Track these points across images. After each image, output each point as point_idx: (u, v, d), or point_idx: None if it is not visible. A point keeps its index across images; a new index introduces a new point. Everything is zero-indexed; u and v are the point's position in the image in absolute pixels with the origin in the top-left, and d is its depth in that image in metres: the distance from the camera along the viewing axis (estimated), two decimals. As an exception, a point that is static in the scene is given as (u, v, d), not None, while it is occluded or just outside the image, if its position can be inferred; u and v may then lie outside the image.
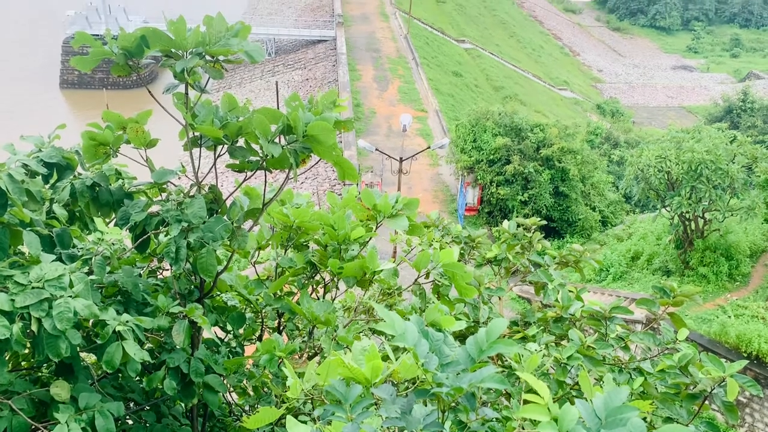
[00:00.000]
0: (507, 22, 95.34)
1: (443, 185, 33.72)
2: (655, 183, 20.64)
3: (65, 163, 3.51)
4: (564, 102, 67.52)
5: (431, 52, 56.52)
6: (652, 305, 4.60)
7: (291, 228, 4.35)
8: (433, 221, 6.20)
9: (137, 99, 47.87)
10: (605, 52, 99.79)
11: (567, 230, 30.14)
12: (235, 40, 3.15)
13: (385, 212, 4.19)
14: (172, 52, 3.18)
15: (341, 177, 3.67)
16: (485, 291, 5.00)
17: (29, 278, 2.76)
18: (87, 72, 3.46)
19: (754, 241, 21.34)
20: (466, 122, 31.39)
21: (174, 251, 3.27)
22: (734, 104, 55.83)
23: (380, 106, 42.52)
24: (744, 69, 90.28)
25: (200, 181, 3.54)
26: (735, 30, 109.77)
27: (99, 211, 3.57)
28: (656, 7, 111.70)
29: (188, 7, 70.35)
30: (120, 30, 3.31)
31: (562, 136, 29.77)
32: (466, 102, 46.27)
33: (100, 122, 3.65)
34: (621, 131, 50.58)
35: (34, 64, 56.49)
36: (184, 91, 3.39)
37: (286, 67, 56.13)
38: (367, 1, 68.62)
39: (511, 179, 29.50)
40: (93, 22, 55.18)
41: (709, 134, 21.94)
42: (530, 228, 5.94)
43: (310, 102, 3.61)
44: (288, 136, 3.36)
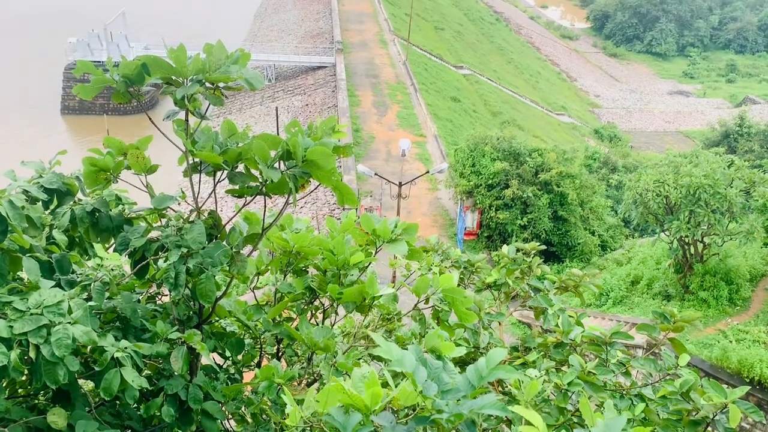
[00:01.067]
0: (504, 48, 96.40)
1: (442, 209, 33.77)
2: (654, 207, 20.69)
3: (65, 189, 3.52)
4: (562, 127, 67.96)
5: (430, 78, 57.03)
6: (653, 330, 4.58)
7: (290, 253, 4.35)
8: (432, 246, 6.20)
9: (137, 124, 48.18)
10: (602, 78, 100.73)
11: (566, 254, 30.11)
12: (235, 68, 3.19)
13: (385, 237, 4.20)
14: (173, 80, 3.22)
15: (340, 202, 3.68)
16: (485, 316, 4.98)
17: (28, 304, 2.76)
18: (88, 99, 3.48)
19: (753, 266, 21.31)
20: (465, 147, 31.55)
21: (173, 277, 3.26)
22: (731, 129, 56.19)
23: (379, 131, 42.78)
24: (740, 94, 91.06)
25: (200, 206, 3.55)
26: (730, 56, 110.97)
27: (99, 237, 3.57)
28: (652, 34, 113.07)
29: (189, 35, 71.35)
30: (121, 57, 3.35)
31: (561, 161, 29.91)
32: (464, 127, 46.55)
33: (100, 148, 3.67)
34: (619, 156, 50.86)
35: (36, 90, 56.90)
36: (184, 117, 3.42)
37: (286, 93, 56.58)
38: (366, 28, 69.43)
39: (510, 203, 29.57)
40: (94, 48, 55.73)
41: (706, 159, 22.05)
42: (530, 253, 5.93)
43: (309, 128, 3.64)
44: (287, 161, 3.38)
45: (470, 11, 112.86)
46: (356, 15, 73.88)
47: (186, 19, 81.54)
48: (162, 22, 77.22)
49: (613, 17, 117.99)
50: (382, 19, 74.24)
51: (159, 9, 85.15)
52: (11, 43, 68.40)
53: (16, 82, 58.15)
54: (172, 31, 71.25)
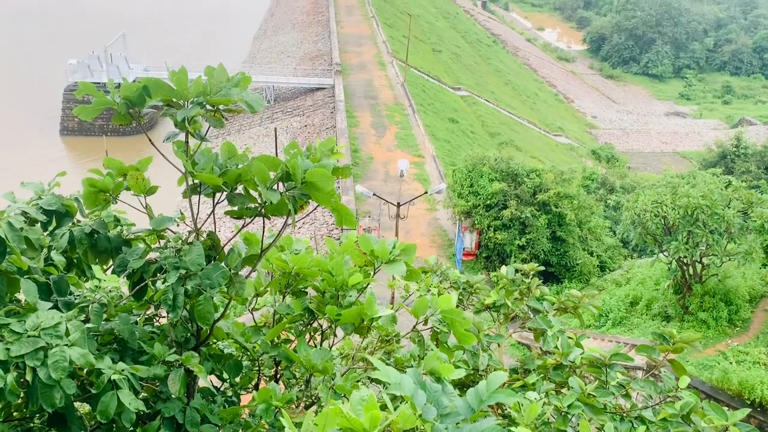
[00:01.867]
0: (502, 70, 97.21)
1: (441, 230, 33.78)
2: (652, 228, 20.70)
3: (64, 210, 3.52)
4: (559, 148, 68.30)
5: (428, 99, 57.41)
6: (652, 352, 4.56)
7: (289, 274, 4.34)
8: (431, 266, 6.19)
9: (137, 145, 48.34)
10: (599, 99, 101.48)
11: (565, 275, 30.07)
12: (236, 90, 3.21)
13: (383, 258, 4.19)
14: (174, 102, 3.24)
15: (339, 223, 3.69)
16: (485, 338, 4.96)
17: (25, 327, 2.74)
18: (89, 120, 3.52)
19: (752, 286, 21.28)
20: (463, 167, 31.66)
21: (171, 298, 3.25)
22: (728, 150, 56.48)
23: (378, 151, 42.95)
24: (736, 115, 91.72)
25: (199, 228, 3.55)
26: (726, 77, 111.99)
27: (97, 258, 3.57)
28: (648, 56, 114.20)
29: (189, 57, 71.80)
30: (122, 80, 3.37)
31: (558, 182, 30.00)
32: (462, 148, 46.75)
33: (100, 168, 3.68)
34: (616, 176, 51.03)
35: (35, 111, 57.16)
36: (184, 139, 3.44)
37: (285, 114, 56.88)
38: (365, 50, 70.02)
39: (508, 224, 29.59)
40: (94, 70, 56.08)
41: (704, 179, 22.12)
42: (528, 274, 5.93)
43: (308, 149, 3.66)
44: (287, 182, 3.39)
45: (468, 34, 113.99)
46: (355, 37, 74.56)
47: (186, 41, 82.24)
48: (162, 44, 77.84)
49: (610, 39, 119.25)
50: (381, 41, 74.91)
51: (159, 31, 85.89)
52: (11, 64, 68.83)
53: (16, 103, 58.42)
54: (172, 52, 71.85)
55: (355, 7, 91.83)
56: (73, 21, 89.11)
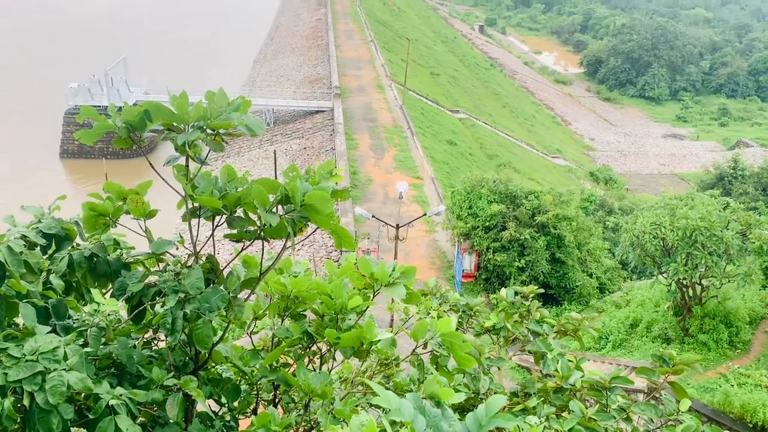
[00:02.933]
0: (500, 93, 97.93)
1: (440, 252, 33.74)
2: (651, 249, 20.69)
3: (64, 234, 3.52)
4: (557, 169, 68.55)
5: (426, 122, 57.74)
6: (653, 374, 4.54)
7: (288, 298, 4.33)
8: (430, 289, 6.18)
9: (136, 168, 48.44)
10: (596, 121, 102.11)
11: (565, 297, 29.99)
12: (236, 115, 3.24)
13: (382, 281, 4.19)
14: (174, 126, 3.26)
15: (338, 245, 3.69)
16: (485, 361, 4.93)
17: (23, 351, 2.73)
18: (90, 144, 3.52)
19: (752, 308, 21.22)
20: (462, 189, 31.74)
21: (170, 322, 3.25)
22: (725, 172, 56.71)
23: (377, 173, 43.07)
24: (733, 137, 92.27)
25: (198, 251, 3.55)
26: (722, 100, 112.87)
27: (96, 282, 3.56)
28: (644, 79, 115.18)
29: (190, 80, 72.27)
30: (123, 104, 3.40)
31: (557, 203, 30.06)
32: (461, 169, 46.91)
33: (99, 192, 3.70)
34: (615, 198, 51.16)
35: (36, 134, 57.38)
36: (184, 162, 3.45)
37: (284, 137, 57.14)
38: (364, 74, 70.58)
39: (507, 246, 29.57)
40: (95, 93, 56.42)
41: (702, 201, 22.18)
42: (528, 296, 5.92)
43: (307, 172, 3.67)
44: (286, 205, 3.40)
45: (465, 57, 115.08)
46: (354, 61, 75.22)
47: (186, 65, 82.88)
48: (163, 67, 78.44)
49: (606, 62, 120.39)
50: (379, 65, 75.57)
51: (160, 55, 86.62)
52: (12, 87, 69.25)
53: (17, 127, 58.68)
54: (172, 76, 72.37)
55: (355, 32, 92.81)
56: (74, 45, 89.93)
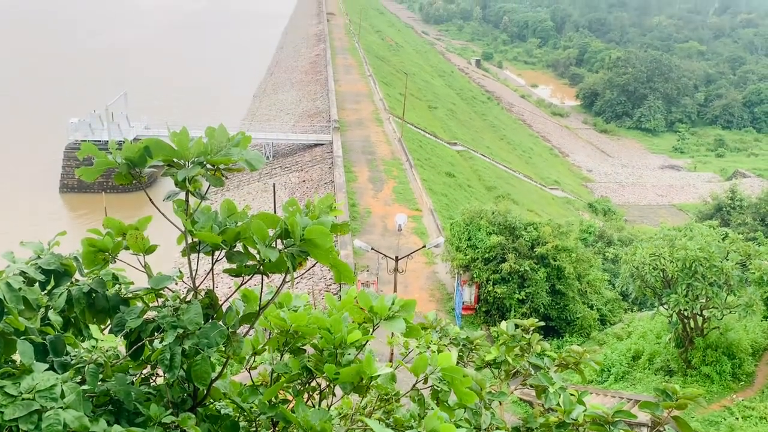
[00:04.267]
0: (497, 125, 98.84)
1: (439, 284, 33.63)
2: (651, 281, 20.65)
3: (63, 270, 3.52)
4: (556, 201, 68.76)
5: (424, 154, 58.13)
6: (656, 408, 4.49)
7: (287, 333, 4.31)
8: (430, 322, 6.14)
9: (136, 202, 48.57)
10: (594, 153, 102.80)
11: (566, 329, 29.79)
12: (236, 150, 3.27)
13: (382, 314, 4.17)
14: (175, 162, 3.29)
15: (337, 279, 3.68)
16: (487, 395, 4.88)
17: (20, 389, 2.70)
18: (91, 181, 3.55)
19: (755, 339, 21.09)
20: (461, 221, 31.78)
21: (168, 358, 3.22)
22: (723, 202, 56.92)
23: (375, 205, 43.18)
24: (729, 168, 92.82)
25: (197, 286, 3.55)
26: (718, 131, 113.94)
27: (95, 318, 3.55)
28: (641, 111, 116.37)
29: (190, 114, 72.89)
30: (124, 140, 3.44)
31: (556, 235, 30.07)
32: (459, 201, 47.06)
33: (98, 226, 3.70)
34: (614, 229, 51.18)
35: (35, 169, 57.63)
36: (184, 197, 3.47)
37: (283, 170, 57.44)
38: (363, 107, 71.30)
39: (507, 277, 29.49)
40: (95, 128, 56.84)
41: (701, 232, 22.22)
42: (529, 329, 5.88)
43: (307, 206, 3.69)
44: (285, 240, 3.41)
45: (462, 91, 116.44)
46: (353, 95, 76.05)
47: (187, 99, 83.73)
48: (163, 101, 79.24)
49: (602, 95, 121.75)
50: (378, 98, 76.39)
51: (160, 89, 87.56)
52: (12, 122, 69.80)
53: (16, 161, 58.97)
54: (173, 110, 73.06)
55: (353, 67, 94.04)
56: (75, 80, 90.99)
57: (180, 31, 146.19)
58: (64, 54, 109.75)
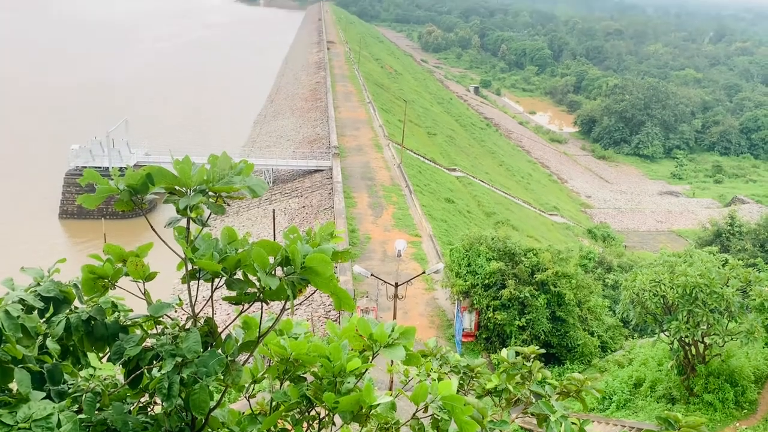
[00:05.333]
0: (496, 152, 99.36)
1: (439, 310, 33.47)
2: (652, 307, 20.55)
3: (62, 297, 3.51)
4: (555, 227, 68.78)
5: (424, 180, 58.31)
6: (660, 438, 4.44)
7: (287, 361, 4.27)
8: (430, 350, 6.10)
9: (135, 228, 48.57)
10: (592, 179, 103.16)
11: (567, 356, 29.57)
12: (238, 178, 3.28)
13: (382, 342, 4.14)
14: (177, 189, 3.30)
15: (337, 307, 3.67)
16: (488, 424, 4.83)
17: (17, 418, 2.68)
18: (93, 208, 3.56)
19: (757, 366, 20.92)
20: (460, 247, 31.73)
21: (167, 387, 3.19)
22: (722, 228, 56.92)
23: (375, 231, 43.18)
24: (728, 194, 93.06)
25: (197, 313, 3.53)
26: (716, 157, 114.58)
27: (93, 346, 3.52)
28: (639, 137, 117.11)
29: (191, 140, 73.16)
30: (126, 168, 3.45)
31: (556, 261, 30.01)
32: (459, 227, 47.08)
33: (97, 252, 3.70)
34: (613, 255, 51.14)
35: (35, 195, 57.71)
36: (185, 224, 3.47)
37: (283, 196, 57.55)
38: (362, 134, 71.73)
39: (507, 304, 29.35)
40: (96, 155, 57.07)
41: (700, 258, 22.16)
42: (529, 356, 5.84)
43: (308, 233, 3.69)
44: (286, 267, 3.40)
45: (461, 117, 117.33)
46: (352, 122, 76.57)
47: (187, 126, 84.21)
48: (164, 127, 79.69)
49: (600, 122, 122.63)
50: (377, 125, 76.89)
51: (162, 116, 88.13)
52: (12, 148, 70.08)
53: (16, 187, 59.08)
54: (174, 136, 73.45)
55: (353, 94, 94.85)
56: (77, 107, 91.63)
57: (181, 60, 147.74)
58: (66, 82, 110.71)
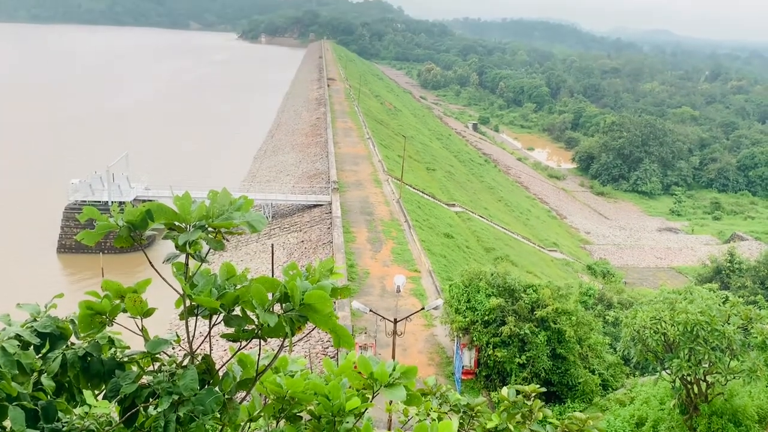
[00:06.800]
0: (494, 187, 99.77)
1: (439, 347, 33.15)
2: (652, 345, 20.37)
3: (59, 333, 3.48)
4: (555, 263, 68.60)
5: (423, 215, 58.39)
6: (664, 480, 4.36)
7: (284, 399, 4.22)
8: (430, 388, 6.02)
9: (134, 263, 48.39)
10: (591, 215, 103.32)
11: (567, 394, 29.19)
12: (238, 214, 3.28)
13: (382, 381, 4.10)
14: (176, 225, 3.30)
15: (336, 344, 3.64)
16: (487, 465, 4.74)
17: (9, 458, 2.63)
18: (92, 245, 3.55)
19: (760, 405, 20.64)
20: (460, 282, 31.59)
21: (163, 426, 3.15)
22: (722, 265, 56.83)
23: (374, 266, 43.03)
24: (727, 231, 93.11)
25: (194, 350, 3.50)
26: (714, 194, 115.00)
27: (89, 383, 3.48)
28: (637, 174, 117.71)
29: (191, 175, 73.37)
30: (125, 203, 3.46)
31: (556, 297, 29.85)
32: (458, 262, 46.95)
33: (95, 287, 3.68)
34: (613, 292, 50.90)
35: (34, 229, 57.63)
36: (183, 260, 3.46)
37: (282, 230, 57.54)
38: (361, 169, 72.12)
39: (507, 341, 29.08)
40: (96, 189, 57.16)
41: (701, 295, 22.07)
42: (530, 395, 5.76)
43: (307, 270, 3.67)
44: (285, 304, 3.38)
45: (460, 153, 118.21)
46: (352, 157, 77.07)
47: (188, 160, 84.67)
48: (165, 161, 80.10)
49: (598, 158, 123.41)
50: (377, 160, 77.37)
51: (162, 150, 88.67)
52: (12, 183, 70.28)
53: (15, 221, 59.05)
54: (173, 171, 73.76)
55: (353, 130, 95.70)
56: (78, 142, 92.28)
57: (184, 96, 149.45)
58: (68, 117, 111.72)
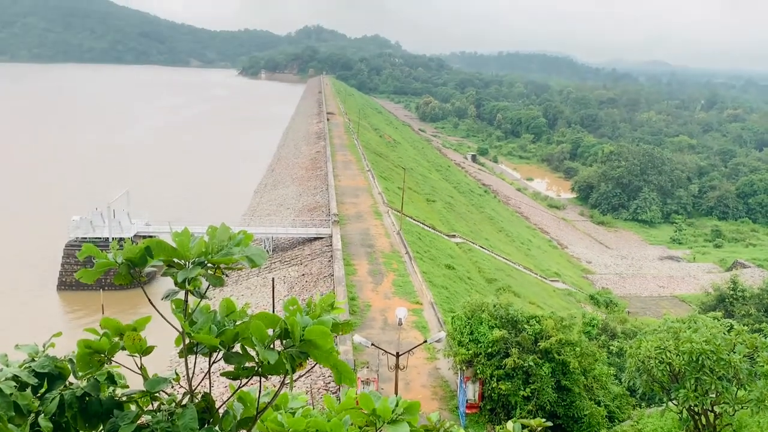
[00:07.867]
0: (495, 218, 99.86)
1: (442, 380, 32.76)
2: (658, 375, 20.15)
3: (57, 373, 3.43)
4: (557, 293, 68.27)
5: (424, 247, 58.30)
6: None
7: (285, 437, 4.14)
8: (433, 424, 5.93)
9: (133, 299, 48.12)
10: (592, 245, 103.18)
11: (573, 427, 28.74)
12: (237, 249, 3.27)
13: (385, 418, 4.03)
14: (175, 262, 3.28)
15: (338, 381, 3.59)
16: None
17: (4, 504, 2.57)
18: (91, 283, 3.56)
19: (770, 436, 20.33)
20: (462, 314, 31.35)
21: (161, 467, 3.08)
22: (725, 293, 56.50)
23: (375, 299, 42.79)
24: (729, 258, 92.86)
25: (194, 389, 3.45)
26: (714, 222, 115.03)
27: (87, 423, 3.42)
28: (636, 202, 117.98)
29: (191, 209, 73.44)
30: (125, 240, 3.45)
31: (559, 328, 29.60)
32: (460, 294, 46.70)
33: (94, 324, 3.65)
34: (617, 322, 50.50)
35: (34, 267, 57.50)
36: (183, 297, 3.44)
37: (282, 264, 57.39)
38: (362, 201, 72.29)
39: (511, 373, 28.75)
40: (96, 225, 57.21)
41: (705, 324, 21.89)
42: (535, 429, 5.67)
43: (308, 305, 3.64)
44: (285, 340, 3.34)
45: (460, 184, 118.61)
46: (352, 189, 77.33)
47: (189, 195, 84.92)
48: (165, 196, 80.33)
49: (597, 188, 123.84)
50: (377, 192, 77.60)
51: (162, 185, 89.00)
52: (10, 221, 70.35)
53: (15, 258, 58.96)
54: (174, 206, 73.95)
55: (352, 162, 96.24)
56: (78, 180, 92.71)
57: (185, 131, 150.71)
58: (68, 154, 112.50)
